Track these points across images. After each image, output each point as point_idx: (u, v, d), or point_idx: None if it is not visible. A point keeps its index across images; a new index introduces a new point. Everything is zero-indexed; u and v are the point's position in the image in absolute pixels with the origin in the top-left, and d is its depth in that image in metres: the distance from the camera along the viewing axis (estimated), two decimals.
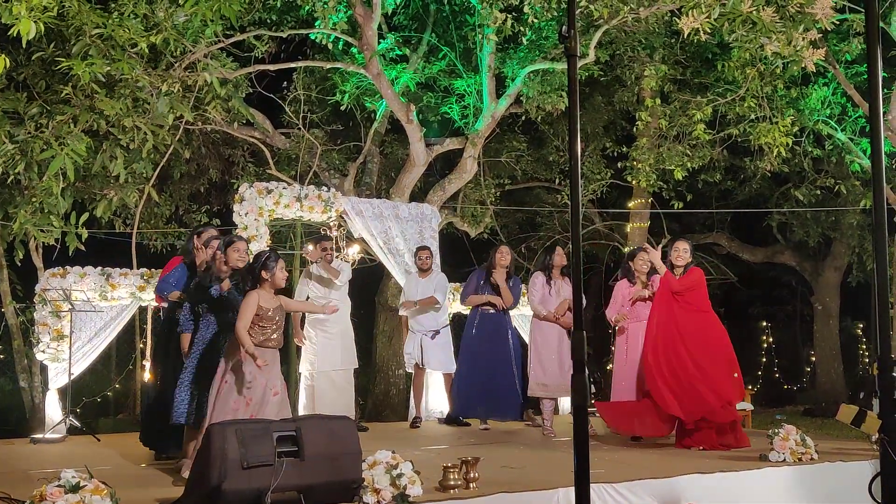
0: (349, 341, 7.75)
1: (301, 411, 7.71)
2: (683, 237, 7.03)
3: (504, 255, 7.81)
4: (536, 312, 7.44)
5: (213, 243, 5.78)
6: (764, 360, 15.09)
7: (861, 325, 16.65)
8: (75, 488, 3.82)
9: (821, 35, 7.19)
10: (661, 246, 6.79)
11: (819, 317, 14.41)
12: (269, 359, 5.11)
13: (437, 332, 8.14)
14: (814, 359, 14.79)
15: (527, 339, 8.05)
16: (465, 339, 7.88)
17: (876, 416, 5.97)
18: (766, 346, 15.21)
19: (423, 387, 8.41)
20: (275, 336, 5.14)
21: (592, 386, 9.91)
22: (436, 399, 8.63)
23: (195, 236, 6.01)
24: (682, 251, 6.62)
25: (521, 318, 9.20)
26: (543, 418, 7.54)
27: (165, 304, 6.19)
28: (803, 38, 7.05)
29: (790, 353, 16.29)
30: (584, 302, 7.37)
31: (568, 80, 3.23)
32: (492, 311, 7.78)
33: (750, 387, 11.84)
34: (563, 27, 3.10)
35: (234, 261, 5.51)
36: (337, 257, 7.90)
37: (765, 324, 15.66)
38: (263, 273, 5.10)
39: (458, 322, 8.87)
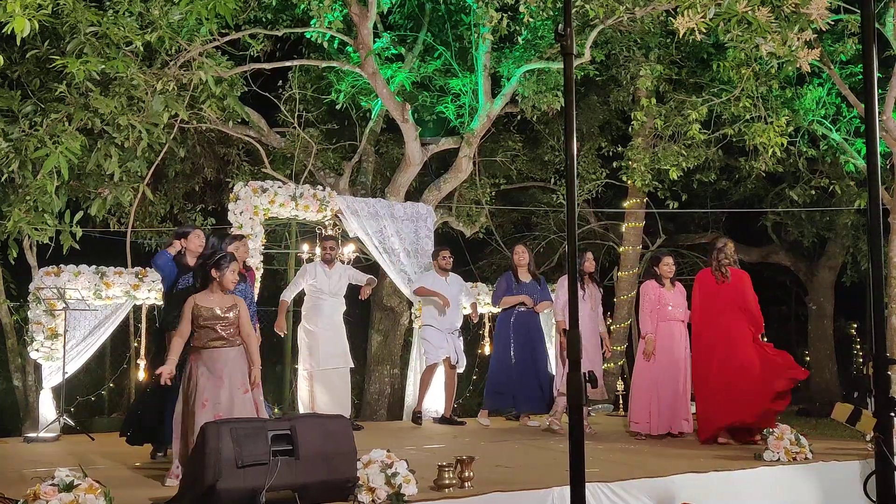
0: (343, 340, 7.76)
1: (300, 409, 7.69)
2: (725, 237, 7.41)
3: (521, 255, 8.12)
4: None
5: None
6: None
7: (855, 325, 16.67)
8: (69, 487, 3.82)
9: (816, 35, 7.18)
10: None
11: (813, 317, 14.42)
12: (223, 360, 4.95)
13: (458, 330, 8.30)
14: (808, 358, 14.80)
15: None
16: (501, 337, 8.10)
17: (871, 415, 5.99)
18: None
19: (430, 384, 8.41)
20: (228, 338, 5.00)
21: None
22: (432, 398, 8.62)
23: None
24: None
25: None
26: (555, 411, 7.58)
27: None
28: (798, 39, 7.04)
29: None
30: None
31: (564, 80, 3.23)
32: (523, 309, 8.07)
33: None
34: (559, 26, 3.10)
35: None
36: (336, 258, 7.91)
37: None
38: (213, 272, 5.02)
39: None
